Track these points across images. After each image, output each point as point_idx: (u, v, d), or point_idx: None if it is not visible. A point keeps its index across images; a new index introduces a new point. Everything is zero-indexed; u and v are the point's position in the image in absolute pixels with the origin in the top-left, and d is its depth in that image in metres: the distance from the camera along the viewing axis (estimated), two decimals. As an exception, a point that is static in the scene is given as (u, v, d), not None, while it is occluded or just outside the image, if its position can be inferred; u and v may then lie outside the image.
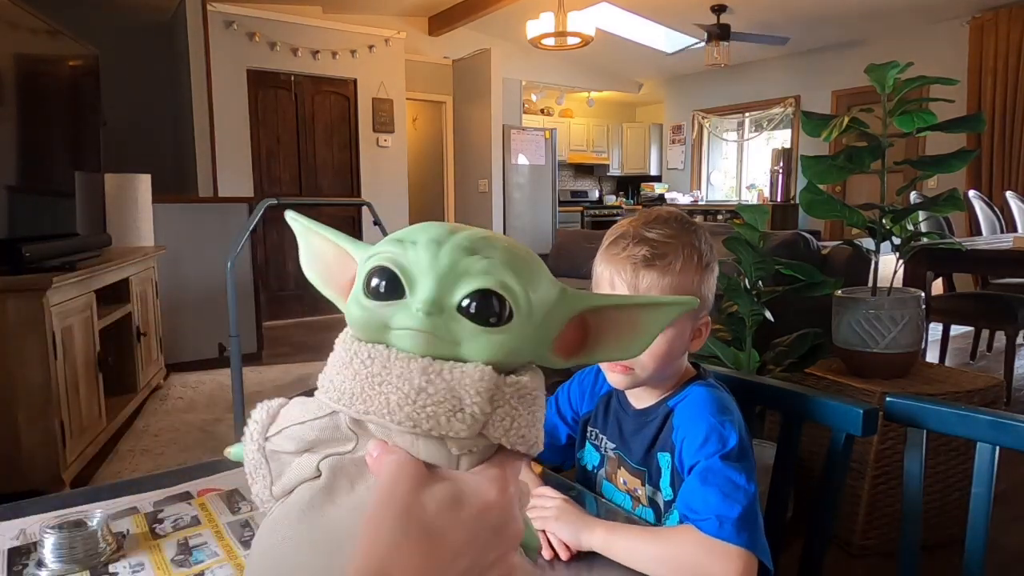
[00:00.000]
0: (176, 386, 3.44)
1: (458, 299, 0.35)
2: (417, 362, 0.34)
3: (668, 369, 0.81)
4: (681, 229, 0.80)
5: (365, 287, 0.37)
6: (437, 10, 6.34)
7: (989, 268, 3.43)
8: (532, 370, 0.38)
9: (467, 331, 0.35)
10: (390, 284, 0.36)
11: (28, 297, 2.05)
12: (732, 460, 0.72)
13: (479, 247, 0.36)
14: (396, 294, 0.36)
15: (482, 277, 0.35)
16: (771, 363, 1.88)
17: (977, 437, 0.81)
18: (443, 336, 0.35)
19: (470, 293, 0.35)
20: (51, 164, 2.57)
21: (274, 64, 5.27)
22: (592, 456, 0.90)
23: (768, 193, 7.25)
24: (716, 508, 0.69)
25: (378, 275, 0.36)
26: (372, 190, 5.69)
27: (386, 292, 0.36)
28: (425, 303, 0.34)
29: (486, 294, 0.35)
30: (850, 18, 5.70)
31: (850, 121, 1.75)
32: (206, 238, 3.80)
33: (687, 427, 0.77)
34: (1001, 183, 5.16)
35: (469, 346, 0.35)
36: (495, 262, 0.36)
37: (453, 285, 0.35)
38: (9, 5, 2.20)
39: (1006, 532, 1.88)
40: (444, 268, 0.35)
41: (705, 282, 0.79)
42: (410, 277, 0.36)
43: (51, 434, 2.11)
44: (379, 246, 0.38)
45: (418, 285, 0.35)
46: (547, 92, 8.25)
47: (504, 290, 0.35)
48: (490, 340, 0.35)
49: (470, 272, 0.35)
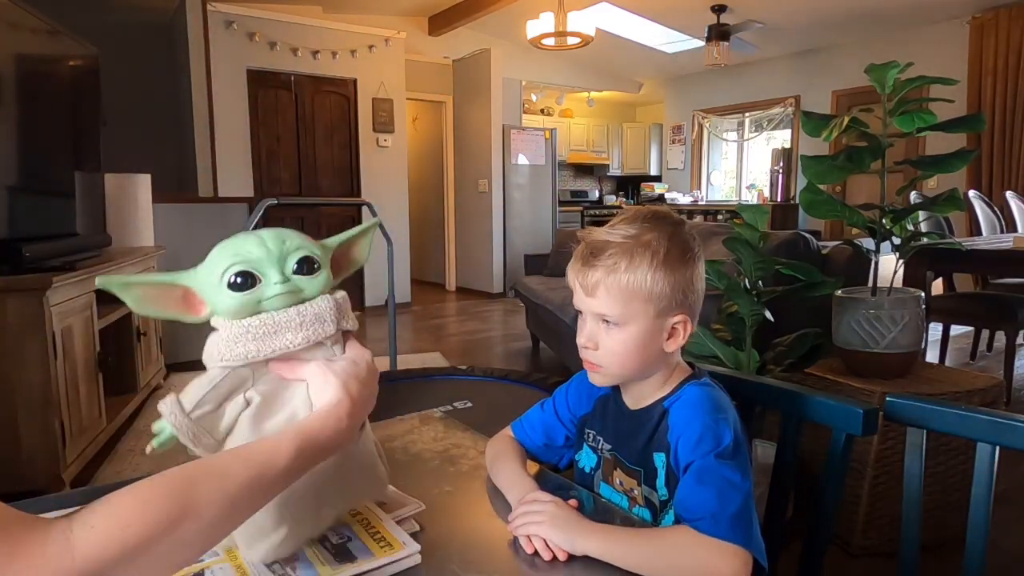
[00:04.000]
0: (176, 386, 3.43)
1: (291, 268, 0.64)
2: (292, 311, 0.64)
3: (639, 367, 0.81)
4: (642, 228, 0.79)
5: (231, 287, 0.62)
6: (437, 10, 6.34)
7: (989, 268, 3.42)
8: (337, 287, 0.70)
9: (304, 283, 0.65)
10: (249, 279, 0.62)
11: (28, 297, 2.05)
12: (727, 458, 0.72)
13: (282, 236, 0.65)
14: (254, 283, 0.62)
15: (296, 252, 0.65)
16: (771, 363, 1.88)
17: (977, 437, 0.81)
18: (294, 291, 0.64)
19: (297, 262, 0.65)
20: (51, 164, 2.57)
21: (274, 64, 5.27)
22: (589, 458, 0.90)
23: (768, 193, 7.25)
24: (711, 507, 0.69)
25: (240, 276, 0.62)
26: (372, 190, 5.70)
27: (247, 284, 0.62)
28: (277, 280, 0.63)
29: (304, 258, 0.65)
30: (850, 18, 5.70)
31: (850, 121, 1.75)
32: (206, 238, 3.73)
33: (682, 426, 0.77)
34: (1001, 183, 5.16)
35: (309, 289, 0.65)
36: (295, 241, 0.66)
37: (285, 262, 0.64)
38: (9, 5, 2.20)
39: (1006, 532, 1.88)
40: (276, 256, 0.64)
41: (666, 280, 0.77)
42: (261, 270, 0.63)
43: (51, 434, 2.11)
44: (220, 260, 0.63)
45: (268, 272, 0.63)
46: (547, 92, 8.25)
47: (309, 251, 0.66)
48: (318, 281, 0.66)
49: (289, 252, 0.64)
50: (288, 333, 0.62)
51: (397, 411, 1.18)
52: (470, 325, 5.38)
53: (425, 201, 7.34)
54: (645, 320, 0.78)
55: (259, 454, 0.56)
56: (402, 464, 0.93)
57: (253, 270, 0.62)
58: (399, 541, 0.69)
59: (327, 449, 0.60)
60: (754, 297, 1.80)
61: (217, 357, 0.62)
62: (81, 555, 0.43)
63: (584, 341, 0.81)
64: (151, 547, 0.46)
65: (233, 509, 0.52)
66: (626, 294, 0.77)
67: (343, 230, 0.75)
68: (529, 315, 4.20)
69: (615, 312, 0.78)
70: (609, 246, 0.78)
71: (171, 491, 0.49)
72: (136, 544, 0.45)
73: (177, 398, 0.61)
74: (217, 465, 0.53)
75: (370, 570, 0.65)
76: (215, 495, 0.50)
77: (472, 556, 0.71)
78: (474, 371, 2.23)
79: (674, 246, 0.79)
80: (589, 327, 0.81)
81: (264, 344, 0.62)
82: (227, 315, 0.63)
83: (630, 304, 0.77)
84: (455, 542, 0.73)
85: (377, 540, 0.69)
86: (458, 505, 0.83)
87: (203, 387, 0.62)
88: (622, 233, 0.79)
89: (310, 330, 0.63)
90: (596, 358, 0.81)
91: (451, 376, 2.22)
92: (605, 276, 0.78)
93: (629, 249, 0.78)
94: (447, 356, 4.14)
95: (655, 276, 0.77)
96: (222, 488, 0.51)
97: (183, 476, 0.50)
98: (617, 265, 0.77)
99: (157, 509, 0.47)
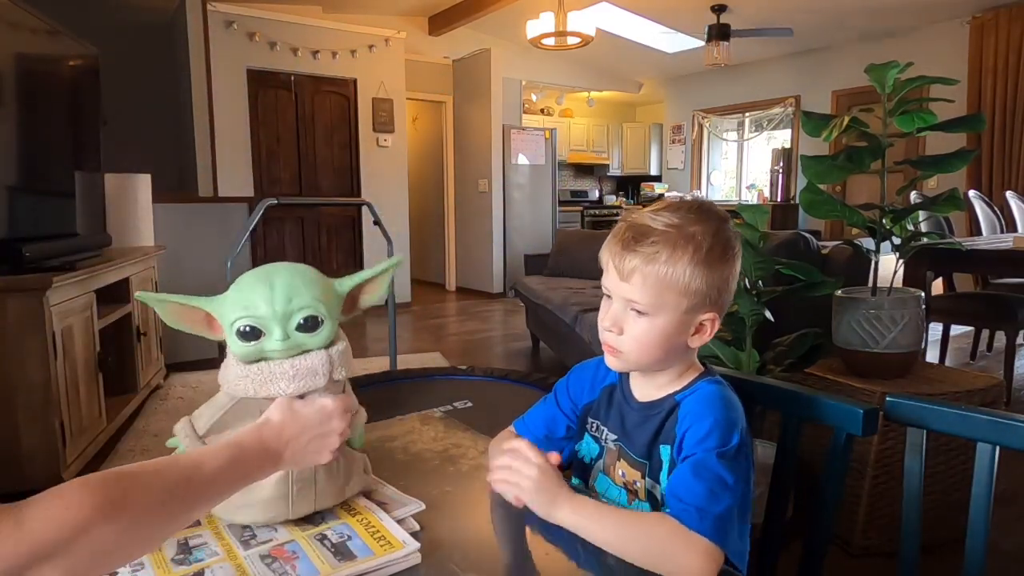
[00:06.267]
0: (176, 386, 3.44)
1: (294, 326, 0.71)
2: (287, 363, 0.71)
3: (661, 358, 0.79)
4: (688, 219, 0.76)
5: (239, 336, 0.70)
6: (437, 10, 6.34)
7: (989, 268, 3.42)
8: (341, 337, 0.76)
9: (305, 339, 0.71)
10: (253, 332, 0.70)
11: (28, 297, 2.05)
12: (727, 459, 0.72)
13: (291, 293, 0.70)
14: (258, 336, 0.70)
15: (301, 312, 0.70)
16: (771, 363, 1.87)
17: (977, 437, 0.81)
18: (294, 346, 0.71)
19: (299, 322, 0.71)
20: (51, 164, 2.57)
21: (274, 64, 5.27)
22: (591, 447, 0.89)
23: (768, 193, 7.25)
24: (700, 501, 0.69)
25: (247, 327, 0.70)
26: (372, 190, 5.69)
27: (253, 336, 0.70)
28: (279, 338, 0.70)
29: (307, 317, 0.71)
30: (850, 18, 5.70)
31: (850, 121, 1.75)
32: (206, 238, 3.80)
33: (692, 420, 0.76)
34: (1001, 183, 5.16)
35: (309, 344, 0.72)
36: (304, 297, 0.71)
37: (288, 321, 0.70)
38: (9, 5, 2.20)
39: (1006, 532, 1.88)
40: (280, 315, 0.69)
41: (704, 277, 0.75)
42: (265, 326, 0.70)
43: (51, 434, 2.11)
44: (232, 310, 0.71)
45: (272, 328, 0.70)
46: (547, 92, 8.25)
47: (314, 310, 0.71)
48: (318, 337, 0.72)
49: (294, 311, 0.70)
50: (282, 382, 0.70)
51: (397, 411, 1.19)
52: (470, 325, 5.38)
53: (425, 201, 7.34)
54: (675, 314, 0.76)
55: (190, 459, 0.62)
56: (402, 464, 0.93)
57: (259, 325, 0.69)
58: (399, 540, 0.69)
59: (254, 465, 0.65)
60: (754, 297, 1.80)
61: (225, 384, 0.73)
62: (29, 536, 0.46)
63: (609, 324, 0.79)
64: (89, 532, 0.49)
65: (165, 504, 0.56)
66: (661, 285, 0.75)
67: (343, 230, 0.78)
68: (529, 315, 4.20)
69: (646, 301, 0.76)
70: (652, 233, 0.75)
71: (109, 481, 0.53)
72: (77, 526, 0.48)
73: (190, 421, 0.72)
74: (153, 464, 0.58)
75: (370, 569, 0.65)
76: (147, 490, 0.55)
77: (472, 556, 0.71)
78: (474, 371, 2.23)
79: (717, 243, 0.76)
80: (615, 311, 0.79)
81: (260, 388, 0.70)
82: (235, 355, 0.72)
83: (663, 295, 0.75)
84: (455, 542, 0.73)
85: (377, 539, 0.70)
86: (458, 505, 0.83)
87: (214, 413, 0.72)
88: (666, 221, 0.76)
89: (302, 382, 0.70)
90: (618, 343, 0.79)
91: (451, 376, 2.23)
92: (643, 264, 0.75)
93: (672, 239, 0.75)
94: (447, 356, 4.14)
95: (694, 271, 0.75)
96: (154, 484, 0.56)
97: (119, 472, 0.55)
98: (658, 255, 0.75)
99: (96, 495, 0.51)
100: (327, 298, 0.73)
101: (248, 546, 0.69)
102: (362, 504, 0.78)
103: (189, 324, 0.74)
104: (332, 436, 0.71)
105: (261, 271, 0.73)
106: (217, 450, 0.63)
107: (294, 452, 0.68)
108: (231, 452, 0.63)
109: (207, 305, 0.73)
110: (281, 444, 0.67)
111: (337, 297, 0.75)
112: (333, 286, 0.76)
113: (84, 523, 0.49)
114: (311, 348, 0.72)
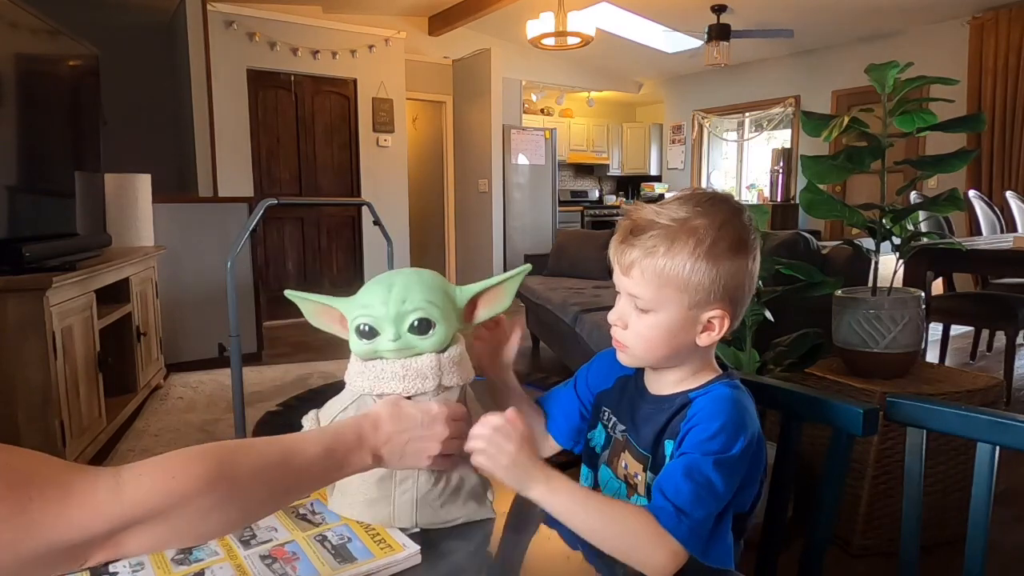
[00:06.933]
0: (176, 386, 3.44)
1: (407, 328, 0.72)
2: (398, 364, 0.73)
3: (668, 355, 0.78)
4: (694, 212, 0.74)
5: (357, 334, 0.73)
6: (437, 10, 6.33)
7: (989, 268, 3.42)
8: (457, 340, 0.76)
9: (416, 341, 0.73)
10: (370, 331, 0.73)
11: (28, 297, 2.05)
12: (724, 467, 0.70)
13: (406, 295, 0.72)
14: (374, 335, 0.73)
15: (413, 314, 0.72)
16: (771, 363, 1.88)
17: (977, 437, 0.81)
18: (406, 348, 0.73)
19: (411, 324, 0.72)
20: (51, 164, 2.57)
21: (274, 64, 5.27)
22: (600, 436, 0.88)
23: (768, 193, 7.25)
24: (683, 502, 0.68)
25: (362, 328, 0.73)
26: (372, 190, 5.69)
27: (369, 335, 0.73)
28: (391, 338, 0.72)
29: (419, 320, 0.72)
30: (850, 18, 5.70)
31: (850, 121, 1.75)
32: (206, 238, 3.80)
33: (699, 419, 0.74)
34: (1001, 183, 5.16)
35: (420, 346, 0.73)
36: (417, 300, 0.72)
37: (401, 322, 0.72)
38: (9, 5, 2.20)
39: (1006, 532, 1.88)
40: (394, 316, 0.72)
41: (706, 271, 0.73)
42: (380, 326, 0.72)
43: (51, 434, 2.11)
44: (354, 309, 0.74)
45: (386, 328, 0.72)
46: (547, 92, 8.25)
47: (426, 313, 0.72)
48: (429, 340, 0.73)
49: (407, 313, 0.72)
50: (392, 382, 0.72)
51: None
52: (470, 325, 5.37)
53: (425, 201, 7.34)
54: (677, 309, 0.75)
55: (290, 442, 0.62)
56: (402, 464, 0.93)
57: (374, 325, 0.72)
58: (398, 543, 0.69)
59: (351, 455, 0.65)
60: (754, 297, 1.80)
61: (348, 380, 0.76)
62: (129, 500, 0.48)
63: (614, 319, 0.79)
64: (192, 501, 0.51)
65: (263, 484, 0.57)
66: (660, 279, 0.74)
67: (343, 230, 0.79)
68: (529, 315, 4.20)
69: (646, 296, 0.75)
70: (653, 226, 0.74)
71: (212, 453, 0.55)
72: (180, 495, 0.50)
73: (317, 415, 0.76)
74: (251, 443, 0.60)
75: (370, 571, 0.65)
76: (248, 467, 0.56)
77: (472, 557, 0.71)
78: (474, 371, 2.22)
79: (723, 236, 0.74)
80: (621, 306, 0.78)
81: (373, 386, 0.73)
82: (354, 351, 0.75)
83: (662, 290, 0.74)
84: (455, 543, 0.72)
85: (377, 541, 0.70)
86: (458, 505, 0.82)
87: (338, 407, 0.76)
88: (670, 215, 0.74)
89: (411, 383, 0.72)
90: (623, 338, 0.79)
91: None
92: (642, 257, 0.74)
93: (672, 233, 0.73)
94: (447, 356, 4.13)
95: (695, 266, 0.73)
96: (255, 462, 0.57)
97: (222, 445, 0.57)
98: (656, 248, 0.73)
99: (200, 466, 0.53)
100: (443, 303, 0.74)
101: (248, 546, 0.69)
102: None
103: (327, 323, 0.79)
104: (433, 441, 0.70)
105: (386, 274, 0.77)
106: (317, 436, 0.64)
107: (391, 449, 0.68)
108: (328, 440, 0.64)
109: (339, 305, 0.77)
110: (379, 439, 0.67)
111: (454, 303, 0.76)
112: (453, 292, 0.77)
113: (188, 492, 0.51)
114: (422, 351, 0.73)
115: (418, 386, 0.72)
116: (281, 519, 0.75)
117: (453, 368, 0.74)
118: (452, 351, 0.75)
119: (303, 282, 5.50)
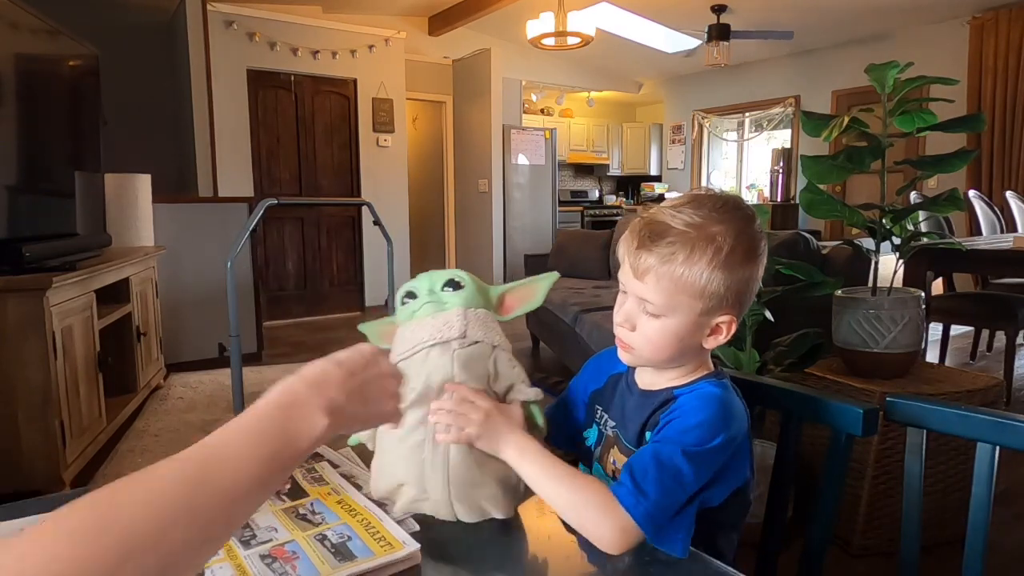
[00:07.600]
0: (176, 386, 3.44)
1: (439, 286, 0.82)
2: (431, 317, 0.80)
3: (674, 356, 0.78)
4: (710, 218, 0.73)
5: (400, 304, 0.84)
6: (437, 10, 6.34)
7: (989, 268, 3.42)
8: (488, 308, 0.84)
9: (447, 296, 0.81)
10: (410, 295, 0.83)
11: (28, 297, 2.05)
12: (695, 459, 0.69)
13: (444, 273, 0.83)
14: (413, 298, 0.82)
15: (445, 275, 0.82)
16: (771, 363, 1.88)
17: (977, 437, 0.81)
18: (437, 301, 0.81)
19: (443, 283, 0.82)
20: (51, 164, 2.57)
21: (274, 64, 5.27)
22: (594, 434, 0.89)
23: (768, 193, 7.25)
24: (645, 483, 0.68)
25: (407, 296, 0.83)
26: (372, 190, 5.69)
27: (409, 298, 0.83)
28: (425, 293, 0.82)
29: (450, 280, 0.82)
30: (850, 18, 5.70)
31: (850, 121, 1.75)
32: (206, 238, 3.80)
33: (682, 412, 0.74)
34: (1001, 183, 5.16)
35: (452, 302, 0.81)
36: (450, 273, 0.83)
37: (435, 284, 0.82)
38: (9, 5, 2.20)
39: (1006, 532, 1.88)
40: (430, 282, 0.83)
41: (723, 280, 0.73)
42: (419, 291, 0.82)
43: (51, 434, 2.11)
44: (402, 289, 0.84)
45: (423, 291, 0.82)
46: (547, 92, 8.25)
47: (457, 276, 0.83)
48: (456, 296, 0.81)
49: (441, 277, 0.82)
50: (420, 332, 0.79)
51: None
52: (470, 325, 5.37)
53: (425, 201, 7.34)
54: (689, 315, 0.74)
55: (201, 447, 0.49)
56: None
57: (414, 290, 0.83)
58: (399, 541, 0.69)
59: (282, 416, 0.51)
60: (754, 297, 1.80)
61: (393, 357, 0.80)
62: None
63: (621, 320, 0.78)
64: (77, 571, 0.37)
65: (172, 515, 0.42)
66: (676, 287, 0.73)
67: (343, 230, 0.82)
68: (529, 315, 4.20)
69: (658, 302, 0.74)
70: (670, 232, 0.73)
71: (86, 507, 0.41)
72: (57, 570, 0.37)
73: None
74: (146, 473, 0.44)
75: (370, 569, 0.65)
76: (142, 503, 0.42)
77: (472, 556, 0.71)
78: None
79: (740, 244, 0.73)
80: (628, 307, 0.77)
81: (407, 340, 0.79)
82: (399, 321, 0.83)
83: (676, 297, 0.73)
84: (455, 542, 0.73)
85: (377, 539, 0.70)
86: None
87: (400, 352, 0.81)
88: (686, 220, 0.73)
89: (437, 331, 0.78)
90: (630, 339, 0.78)
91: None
92: (659, 264, 0.73)
93: (691, 240, 0.72)
94: (447, 356, 4.13)
95: (712, 275, 0.72)
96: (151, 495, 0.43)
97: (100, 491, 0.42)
98: (675, 256, 0.72)
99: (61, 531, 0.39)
100: (474, 281, 0.83)
101: (248, 546, 0.69)
102: (362, 504, 0.78)
103: (388, 342, 0.85)
104: (387, 379, 0.62)
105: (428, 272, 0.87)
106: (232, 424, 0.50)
107: (351, 395, 0.56)
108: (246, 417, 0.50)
109: (396, 318, 0.85)
110: (328, 390, 0.54)
111: (484, 290, 0.85)
112: (486, 285, 0.86)
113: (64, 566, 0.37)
114: (452, 305, 0.80)
115: (444, 333, 0.78)
116: (281, 519, 0.75)
117: (478, 323, 0.80)
118: (480, 310, 0.82)
119: (302, 282, 5.51)
